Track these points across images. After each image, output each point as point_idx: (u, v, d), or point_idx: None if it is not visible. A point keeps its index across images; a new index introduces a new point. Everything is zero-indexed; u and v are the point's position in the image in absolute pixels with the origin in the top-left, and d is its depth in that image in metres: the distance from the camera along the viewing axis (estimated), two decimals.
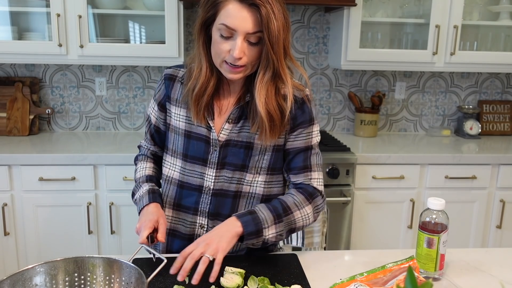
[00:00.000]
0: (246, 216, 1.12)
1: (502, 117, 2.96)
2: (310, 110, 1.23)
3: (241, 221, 1.10)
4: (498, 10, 2.65)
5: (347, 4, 2.34)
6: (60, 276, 0.96)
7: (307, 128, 1.23)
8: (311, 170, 1.24)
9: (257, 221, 1.11)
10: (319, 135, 1.27)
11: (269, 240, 1.13)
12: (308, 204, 1.20)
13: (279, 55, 1.10)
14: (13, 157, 2.16)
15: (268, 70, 1.12)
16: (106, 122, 2.77)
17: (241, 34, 1.07)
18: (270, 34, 1.06)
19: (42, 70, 2.67)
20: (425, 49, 2.53)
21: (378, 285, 1.01)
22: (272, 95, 1.16)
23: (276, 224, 1.14)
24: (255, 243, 1.12)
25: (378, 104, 2.76)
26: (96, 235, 2.28)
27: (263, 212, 1.14)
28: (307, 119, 1.23)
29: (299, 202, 1.19)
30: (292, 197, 1.21)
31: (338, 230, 2.35)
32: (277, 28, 1.06)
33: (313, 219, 1.22)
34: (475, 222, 2.47)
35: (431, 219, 1.11)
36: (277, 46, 1.08)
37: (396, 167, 2.36)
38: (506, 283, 1.11)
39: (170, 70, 1.28)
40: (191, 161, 1.25)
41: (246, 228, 1.10)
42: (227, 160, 1.23)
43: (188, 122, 1.24)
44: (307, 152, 1.24)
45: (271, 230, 1.13)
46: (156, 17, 2.48)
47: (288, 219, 1.16)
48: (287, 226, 1.16)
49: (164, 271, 1.08)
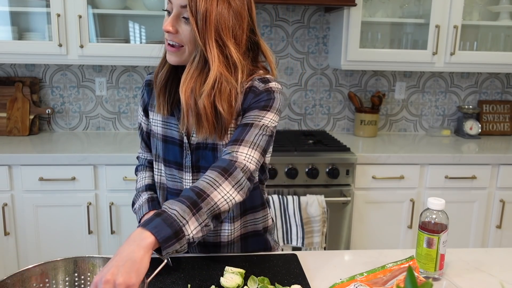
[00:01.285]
0: (153, 221, 0.89)
1: (502, 117, 2.96)
2: (268, 99, 1.10)
3: (149, 228, 0.87)
4: (498, 10, 2.65)
5: (347, 4, 2.34)
6: (60, 276, 0.96)
7: (258, 111, 1.09)
8: (241, 144, 1.05)
9: (170, 220, 0.89)
10: (274, 123, 1.11)
11: (195, 238, 0.93)
12: (224, 181, 0.99)
13: (206, 34, 1.01)
14: (13, 157, 2.16)
15: (198, 53, 1.04)
16: (106, 122, 2.77)
17: (175, 6, 1.03)
18: (194, 6, 0.99)
19: (42, 70, 2.67)
20: (425, 49, 2.53)
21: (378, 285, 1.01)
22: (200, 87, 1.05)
23: (196, 215, 0.93)
24: (178, 249, 0.90)
25: (378, 104, 2.76)
26: (96, 235, 2.28)
27: (174, 207, 0.92)
28: (261, 105, 1.09)
29: (213, 181, 0.99)
30: (203, 179, 1.00)
31: (338, 230, 2.35)
32: (207, 3, 0.99)
33: (238, 197, 1.01)
34: (475, 222, 2.47)
35: (431, 219, 1.11)
36: (202, 23, 0.99)
37: (396, 167, 2.36)
38: (506, 283, 1.11)
39: (150, 76, 1.25)
40: (169, 165, 1.22)
41: (158, 235, 0.87)
42: (201, 164, 1.18)
43: (164, 127, 1.20)
44: (246, 127, 1.07)
45: (192, 225, 0.92)
46: (156, 17, 2.48)
47: (207, 205, 0.95)
48: (209, 213, 0.96)
49: (164, 271, 1.09)
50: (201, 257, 1.19)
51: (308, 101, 2.87)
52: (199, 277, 1.08)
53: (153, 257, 1.14)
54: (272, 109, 1.10)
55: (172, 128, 1.18)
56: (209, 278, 1.08)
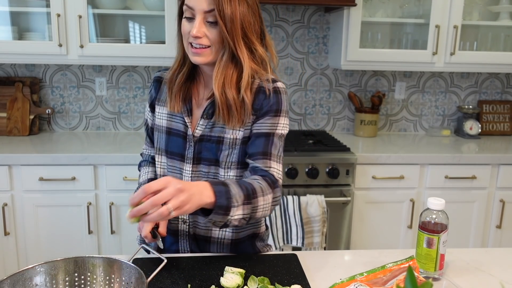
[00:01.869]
0: (219, 186, 1.01)
1: (502, 117, 2.96)
2: (278, 101, 1.18)
3: (215, 190, 0.99)
4: (498, 10, 2.65)
5: (347, 4, 2.34)
6: (60, 276, 0.96)
7: (272, 118, 1.18)
8: (271, 159, 1.17)
9: (228, 195, 1.01)
10: (286, 129, 1.21)
11: (231, 223, 1.03)
12: (270, 192, 1.11)
13: (234, 36, 1.09)
14: (13, 157, 2.16)
15: (226, 52, 1.12)
16: (106, 122, 2.77)
17: (198, 12, 1.09)
18: (222, 11, 1.06)
19: (42, 70, 2.67)
20: (425, 49, 2.53)
21: (378, 285, 1.01)
22: (231, 81, 1.14)
23: (244, 205, 1.04)
24: (217, 221, 1.01)
25: (378, 104, 2.76)
26: (96, 235, 2.28)
27: (235, 188, 1.03)
28: (273, 109, 1.18)
29: (264, 188, 1.10)
30: (257, 181, 1.10)
31: (338, 230, 2.35)
32: (232, 6, 1.06)
33: (269, 211, 1.12)
34: (475, 222, 2.47)
35: (431, 219, 1.11)
36: (231, 25, 1.07)
37: (396, 167, 2.36)
38: (506, 283, 1.11)
39: (159, 73, 1.32)
40: (171, 157, 1.26)
41: (218, 200, 0.99)
42: (202, 156, 1.23)
43: (169, 120, 1.26)
44: (268, 138, 1.17)
45: (238, 211, 1.03)
46: (156, 17, 2.48)
47: (253, 204, 1.06)
48: (250, 211, 1.06)
49: (164, 271, 1.09)
50: (201, 257, 1.19)
51: (308, 101, 2.87)
52: (199, 277, 1.08)
53: (153, 257, 1.15)
54: (283, 113, 1.20)
55: (177, 121, 1.24)
56: (209, 278, 1.08)
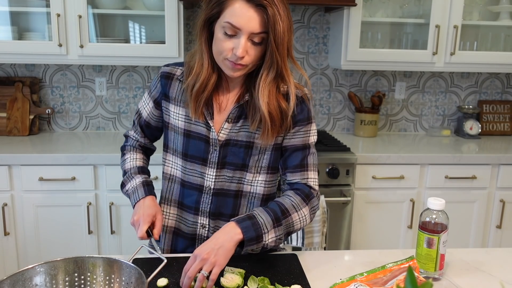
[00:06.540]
0: (245, 221, 1.10)
1: (502, 117, 2.96)
2: (308, 109, 1.24)
3: (241, 227, 1.08)
4: (498, 10, 2.65)
5: (347, 4, 2.34)
6: (60, 276, 0.96)
7: (305, 126, 1.23)
8: (308, 170, 1.24)
9: (256, 226, 1.09)
10: (316, 134, 1.27)
11: (269, 245, 1.12)
12: (305, 206, 1.19)
13: (283, 56, 1.12)
14: (13, 157, 2.16)
15: (271, 70, 1.13)
16: (106, 122, 2.77)
17: (245, 33, 1.07)
18: (276, 35, 1.07)
19: (42, 70, 2.67)
20: (425, 49, 2.53)
21: (378, 285, 1.01)
22: (273, 95, 1.16)
23: (276, 228, 1.12)
24: (254, 249, 1.11)
25: (378, 104, 2.76)
26: (96, 235, 2.28)
27: (262, 216, 1.12)
28: (305, 117, 1.23)
29: (297, 204, 1.18)
30: (289, 199, 1.19)
31: (338, 230, 2.35)
32: (283, 30, 1.07)
33: (309, 220, 1.21)
34: (475, 222, 2.47)
35: (431, 219, 1.11)
36: (281, 47, 1.09)
37: (396, 167, 2.36)
38: (506, 283, 1.11)
39: (168, 68, 1.27)
40: (191, 160, 1.25)
41: (246, 234, 1.08)
42: (227, 160, 1.23)
43: (187, 121, 1.24)
44: (304, 151, 1.24)
45: (270, 235, 1.11)
46: (156, 17, 2.48)
47: (286, 222, 1.15)
48: (285, 229, 1.15)
49: (164, 271, 1.09)
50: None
51: None
52: None
53: (153, 257, 1.15)
54: (312, 119, 1.26)
55: (198, 124, 1.23)
56: None
